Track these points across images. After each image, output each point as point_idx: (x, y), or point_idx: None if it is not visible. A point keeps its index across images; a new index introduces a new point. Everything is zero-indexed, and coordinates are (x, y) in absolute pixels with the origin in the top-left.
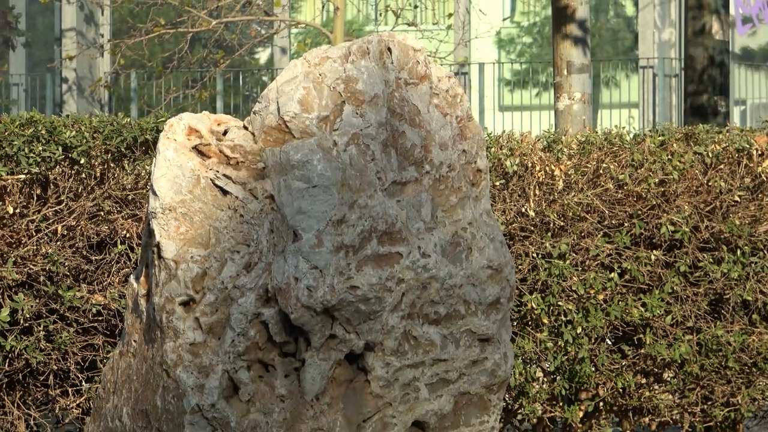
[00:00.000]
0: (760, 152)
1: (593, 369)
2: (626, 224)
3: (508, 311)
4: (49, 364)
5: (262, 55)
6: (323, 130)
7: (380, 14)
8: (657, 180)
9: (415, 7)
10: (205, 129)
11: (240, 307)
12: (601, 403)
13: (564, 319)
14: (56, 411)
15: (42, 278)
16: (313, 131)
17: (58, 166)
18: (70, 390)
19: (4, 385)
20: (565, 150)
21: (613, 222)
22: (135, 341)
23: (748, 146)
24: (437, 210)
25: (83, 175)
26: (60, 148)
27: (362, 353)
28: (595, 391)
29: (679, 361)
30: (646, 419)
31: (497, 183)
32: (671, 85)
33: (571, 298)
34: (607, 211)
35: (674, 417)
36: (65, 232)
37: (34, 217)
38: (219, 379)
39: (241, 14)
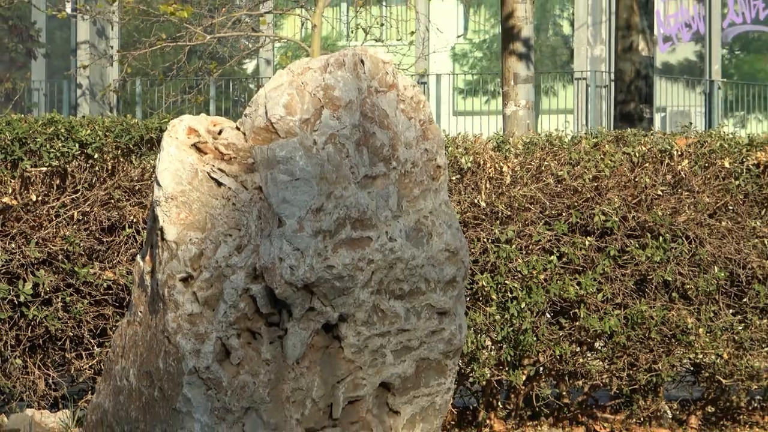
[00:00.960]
0: (679, 153)
1: (535, 339)
2: (564, 214)
3: (462, 288)
4: (66, 331)
5: (250, 66)
6: (305, 130)
7: (351, 31)
8: (591, 176)
9: (382, 25)
10: (203, 129)
11: (232, 283)
12: (541, 368)
13: (510, 295)
14: (71, 371)
15: (60, 257)
16: (296, 131)
17: (75, 160)
18: (83, 353)
19: (26, 349)
20: (512, 150)
21: (553, 212)
22: (141, 312)
23: (669, 148)
24: (402, 200)
25: (96, 168)
26: (77, 145)
27: (337, 323)
28: (536, 358)
29: (609, 333)
30: (580, 382)
31: (454, 177)
32: (602, 95)
33: (516, 277)
34: (548, 203)
35: (604, 380)
36: (81, 217)
37: (54, 204)
38: (213, 345)
39: (231, 30)
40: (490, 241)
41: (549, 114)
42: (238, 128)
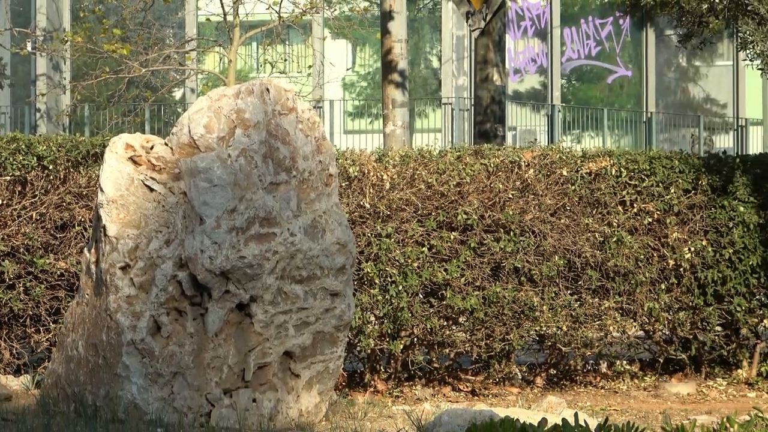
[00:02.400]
0: (526, 163)
1: (410, 315)
2: (433, 213)
3: (351, 274)
4: (27, 311)
5: (178, 94)
6: (221, 146)
7: (260, 65)
8: (455, 182)
9: (285, 60)
10: (138, 145)
11: (162, 270)
12: (416, 339)
13: (390, 280)
14: (31, 343)
15: (22, 250)
16: (214, 147)
17: (33, 171)
18: (41, 329)
19: None
20: (391, 161)
21: (424, 212)
22: (87, 294)
23: (518, 159)
24: (301, 203)
25: (51, 177)
26: (35, 158)
27: (248, 303)
28: (411, 331)
29: (470, 310)
30: (447, 350)
31: (343, 184)
32: (464, 117)
33: (394, 265)
34: (420, 204)
35: (466, 349)
36: (38, 217)
37: (17, 206)
38: (147, 322)
39: (162, 64)
40: (373, 235)
41: (421, 132)
42: (166, 144)
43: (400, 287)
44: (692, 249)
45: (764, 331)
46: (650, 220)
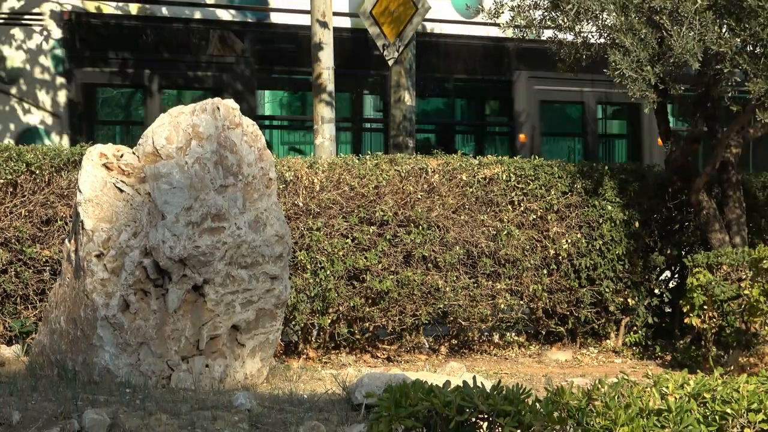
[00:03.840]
0: (432, 170)
1: (336, 295)
2: (356, 211)
3: (287, 261)
4: (17, 291)
5: None
6: (179, 154)
7: None
8: (373, 185)
9: None
10: (110, 154)
11: (130, 258)
12: (341, 315)
13: (319, 266)
14: (21, 318)
15: (13, 240)
16: (173, 155)
17: (23, 175)
18: (29, 306)
19: None
20: (320, 168)
21: (348, 210)
22: (68, 278)
23: (425, 166)
24: (246, 202)
25: (38, 180)
26: (24, 164)
27: (202, 285)
28: (337, 308)
29: (386, 291)
30: (367, 324)
31: (281, 186)
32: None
33: (323, 253)
34: (344, 203)
35: (383, 323)
36: (27, 214)
37: (9, 204)
38: (118, 300)
39: None
40: (305, 229)
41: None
42: (134, 153)
43: (328, 272)
44: (569, 241)
45: (628, 309)
46: (534, 216)
